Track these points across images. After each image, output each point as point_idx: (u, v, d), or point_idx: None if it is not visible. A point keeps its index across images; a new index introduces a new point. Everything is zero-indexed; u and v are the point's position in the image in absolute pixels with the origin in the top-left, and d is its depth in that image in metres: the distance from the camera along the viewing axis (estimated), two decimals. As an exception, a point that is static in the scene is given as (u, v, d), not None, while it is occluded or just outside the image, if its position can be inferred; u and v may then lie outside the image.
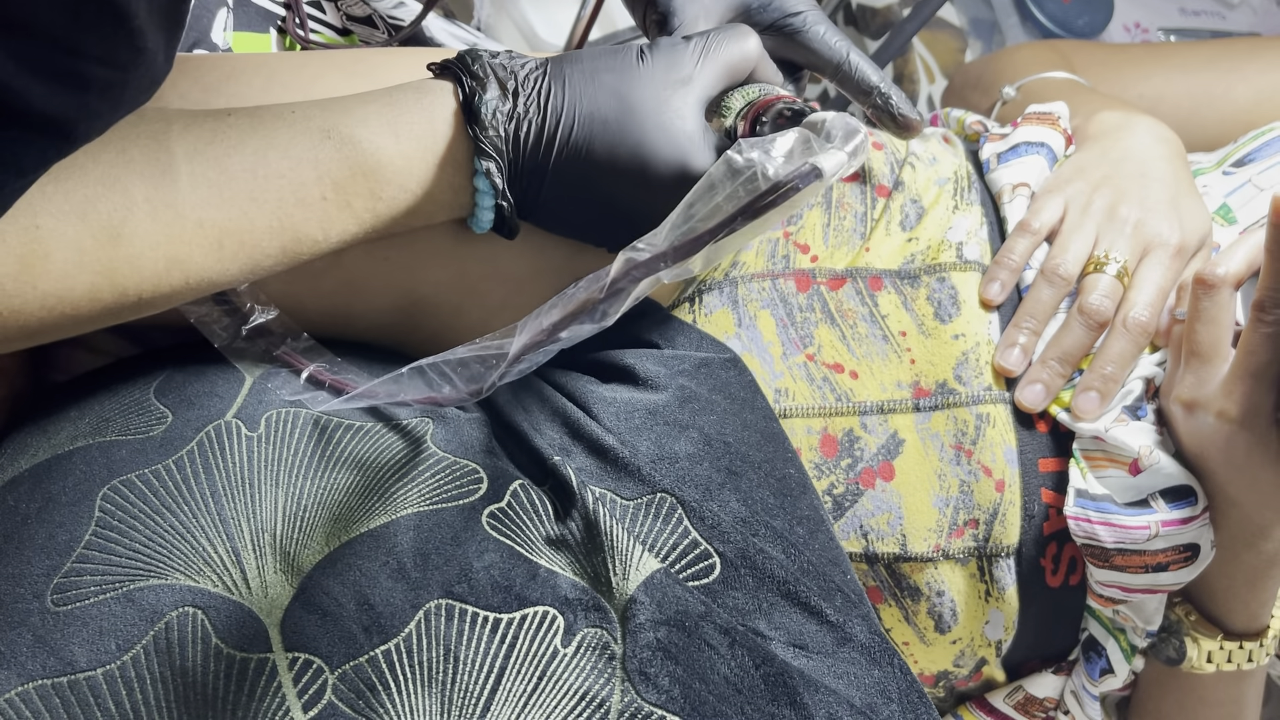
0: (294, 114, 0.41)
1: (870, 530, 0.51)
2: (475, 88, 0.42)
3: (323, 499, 0.41)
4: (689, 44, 0.45)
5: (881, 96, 0.52)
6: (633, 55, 0.44)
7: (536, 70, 0.43)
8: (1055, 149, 0.59)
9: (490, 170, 0.42)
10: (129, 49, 0.30)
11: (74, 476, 0.41)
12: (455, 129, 0.42)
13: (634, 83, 0.43)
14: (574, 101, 0.43)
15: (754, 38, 0.46)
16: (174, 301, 0.40)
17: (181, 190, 0.37)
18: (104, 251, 0.36)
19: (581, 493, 0.43)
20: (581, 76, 0.43)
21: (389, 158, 0.41)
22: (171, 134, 0.38)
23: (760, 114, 0.44)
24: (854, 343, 0.53)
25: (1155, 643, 0.53)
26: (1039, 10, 1.11)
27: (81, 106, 0.30)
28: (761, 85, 0.46)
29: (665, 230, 0.40)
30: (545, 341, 0.41)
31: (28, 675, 0.36)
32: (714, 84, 0.45)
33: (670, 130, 0.43)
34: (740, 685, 0.39)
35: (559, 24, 0.96)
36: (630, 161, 0.43)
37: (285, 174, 0.39)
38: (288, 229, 0.40)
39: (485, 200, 0.43)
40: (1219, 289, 0.48)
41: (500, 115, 0.42)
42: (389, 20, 0.77)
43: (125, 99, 0.32)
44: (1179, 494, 0.49)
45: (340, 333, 0.51)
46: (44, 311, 0.36)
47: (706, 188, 0.40)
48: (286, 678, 0.37)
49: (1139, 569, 0.49)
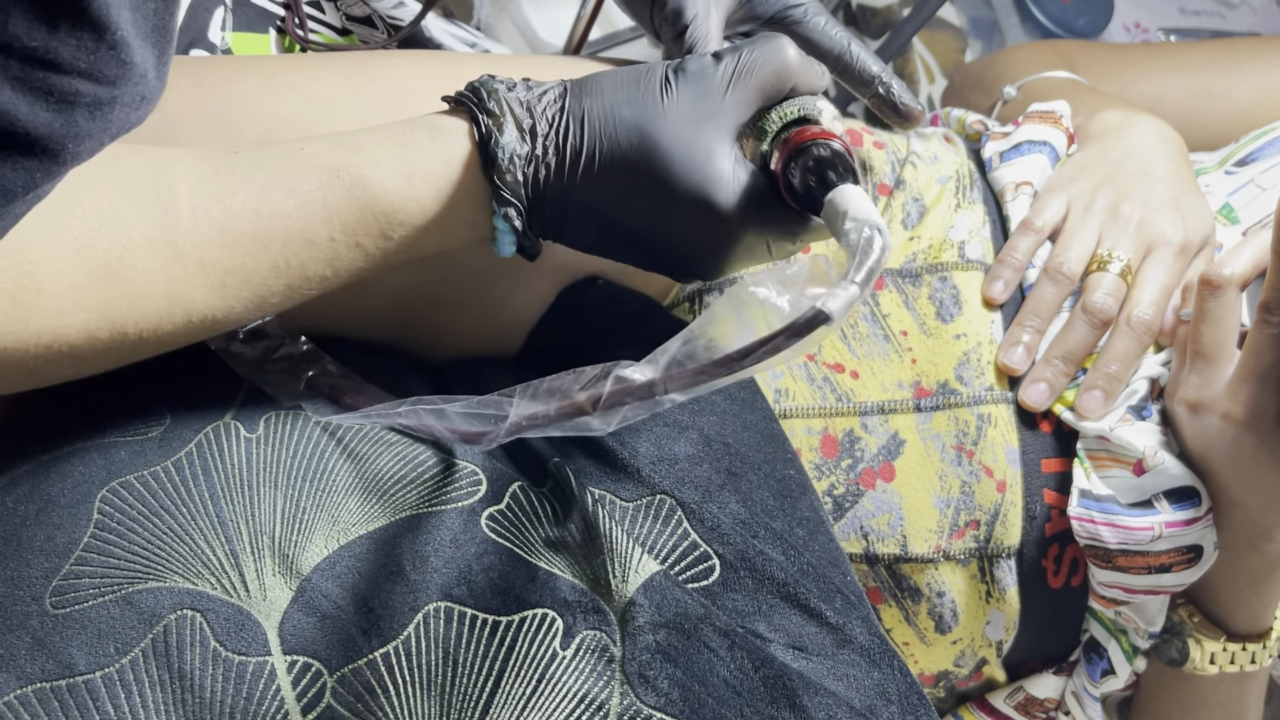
0: (302, 151, 0.39)
1: (871, 531, 0.51)
2: (491, 128, 0.40)
3: (321, 501, 0.41)
4: (719, 67, 0.41)
5: (882, 85, 0.52)
6: (656, 86, 0.41)
7: (555, 104, 0.41)
8: (1058, 147, 0.59)
9: (509, 214, 0.41)
10: (114, 63, 0.29)
11: (73, 478, 0.41)
12: (471, 171, 0.40)
13: (658, 120, 0.40)
14: (594, 140, 0.40)
15: (792, 49, 0.43)
16: (178, 341, 0.39)
17: (183, 228, 0.36)
18: (100, 289, 0.35)
19: (581, 494, 0.43)
20: (601, 112, 0.41)
21: (401, 201, 0.40)
22: (175, 171, 0.37)
23: (793, 157, 0.41)
24: (855, 342, 0.53)
25: (1158, 644, 0.53)
26: (1039, 10, 1.11)
27: (68, 124, 0.29)
28: (802, 103, 0.43)
29: (662, 358, 0.38)
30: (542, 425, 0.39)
31: (26, 678, 0.36)
32: (747, 111, 0.42)
33: (699, 173, 0.40)
34: (740, 687, 0.39)
35: (559, 24, 0.96)
36: (655, 204, 0.41)
37: (292, 214, 0.38)
38: (294, 268, 0.39)
39: (505, 237, 0.42)
40: (1224, 290, 0.48)
41: (518, 160, 0.40)
42: (388, 20, 0.77)
43: (115, 118, 0.31)
44: (1183, 495, 0.48)
45: (339, 329, 0.51)
46: (40, 349, 0.35)
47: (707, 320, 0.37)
48: (285, 681, 0.37)
49: (1142, 570, 0.49)
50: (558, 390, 0.39)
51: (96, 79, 0.29)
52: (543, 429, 0.39)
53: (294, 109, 0.48)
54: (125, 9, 0.28)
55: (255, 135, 0.47)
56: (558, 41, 0.95)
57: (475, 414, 0.40)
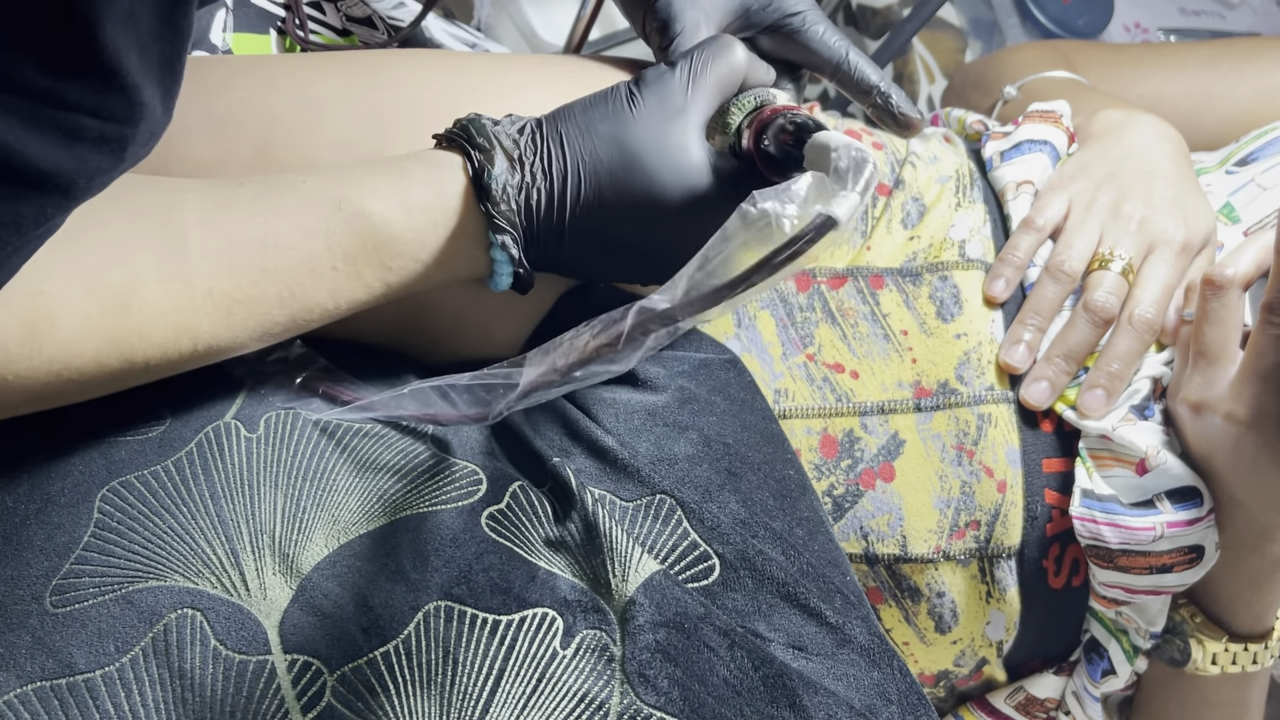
0: (305, 184, 0.41)
1: (870, 531, 0.51)
2: (483, 161, 0.42)
3: (321, 500, 0.41)
4: (675, 72, 0.45)
5: (881, 96, 0.52)
6: (622, 99, 0.44)
7: (534, 133, 0.44)
8: (1058, 147, 0.59)
9: (506, 243, 0.42)
10: (122, 103, 0.30)
11: (72, 478, 0.41)
12: (467, 204, 0.42)
13: (630, 126, 0.43)
14: (576, 159, 0.43)
15: (739, 47, 0.46)
16: (181, 367, 0.40)
17: (192, 260, 0.38)
18: (112, 320, 0.36)
19: (581, 494, 0.43)
20: (577, 132, 0.43)
21: (399, 231, 0.41)
22: (184, 204, 0.38)
23: (763, 129, 0.43)
24: (855, 342, 0.53)
25: (1159, 644, 0.53)
26: (1039, 10, 1.11)
27: (77, 160, 0.30)
28: (756, 92, 0.46)
29: (681, 282, 0.39)
30: (557, 381, 0.41)
31: (26, 677, 0.36)
32: (708, 105, 0.45)
33: (676, 164, 0.43)
34: (739, 687, 0.39)
35: (559, 24, 0.96)
36: (643, 204, 0.43)
37: (296, 245, 0.39)
38: (298, 298, 0.40)
39: (503, 268, 0.44)
40: (1227, 290, 0.48)
41: (510, 188, 0.42)
42: (388, 21, 0.77)
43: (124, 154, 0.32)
44: (1185, 495, 0.48)
45: (340, 335, 0.51)
46: (50, 377, 0.36)
47: (721, 239, 0.39)
48: (285, 679, 0.37)
49: (1143, 570, 0.49)
50: (567, 341, 0.40)
51: (105, 117, 0.30)
52: (559, 384, 0.40)
53: (293, 108, 0.48)
54: (133, 52, 0.29)
55: (255, 135, 0.47)
56: (558, 41, 0.95)
57: (483, 385, 0.41)
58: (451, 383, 0.42)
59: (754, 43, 0.53)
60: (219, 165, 0.46)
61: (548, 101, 0.46)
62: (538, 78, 0.53)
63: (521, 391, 0.41)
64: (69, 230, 0.34)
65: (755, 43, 0.53)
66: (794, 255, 0.38)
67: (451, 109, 0.46)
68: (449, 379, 0.43)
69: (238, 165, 0.47)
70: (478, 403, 0.43)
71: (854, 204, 0.38)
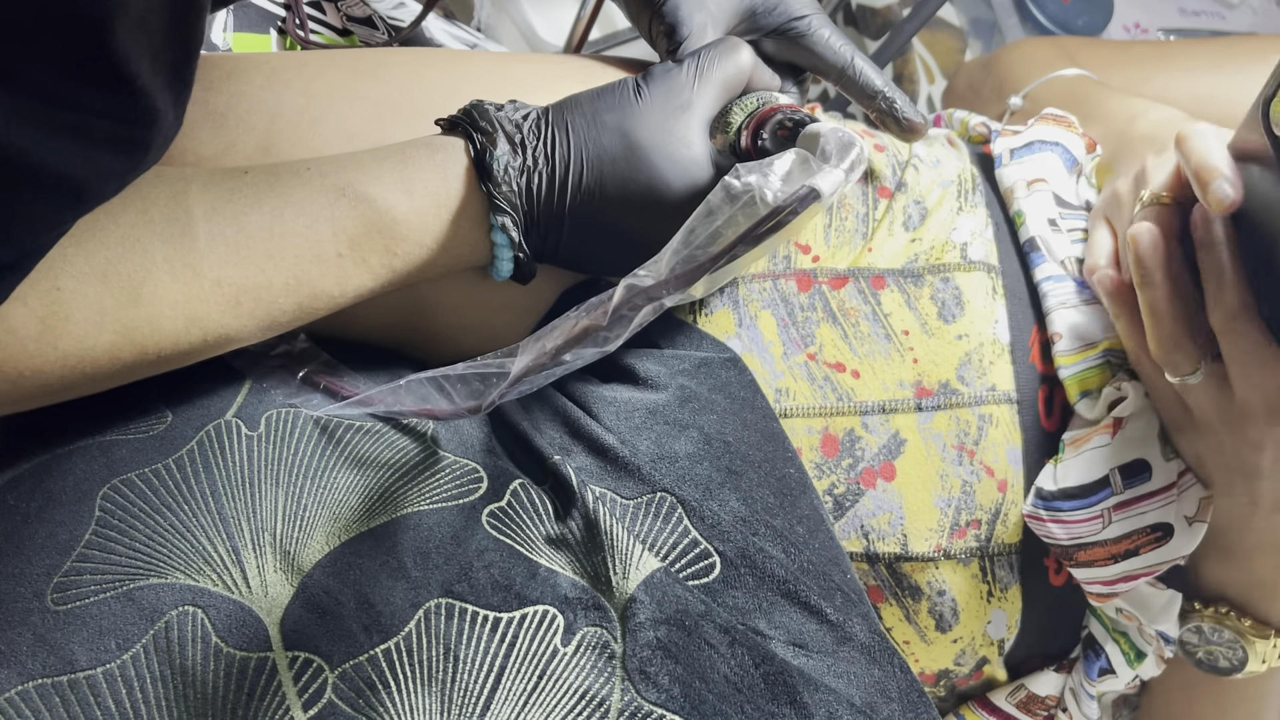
0: (309, 171, 0.41)
1: (871, 530, 0.51)
2: (485, 143, 0.42)
3: (323, 498, 0.41)
4: (683, 68, 0.45)
5: (885, 100, 0.52)
6: (629, 91, 0.45)
7: (539, 120, 0.44)
8: (1073, 150, 0.59)
9: (506, 225, 0.43)
10: (135, 109, 0.30)
11: (74, 475, 0.41)
12: (469, 185, 0.43)
13: (635, 118, 0.44)
14: (580, 146, 0.43)
15: (746, 49, 0.46)
16: (191, 358, 0.40)
17: (200, 249, 0.38)
18: (124, 312, 0.37)
19: (581, 492, 0.43)
20: (584, 120, 0.44)
21: (403, 215, 0.42)
22: (190, 193, 0.38)
23: (760, 126, 0.44)
24: (856, 341, 0.53)
25: (1203, 658, 0.52)
26: (1039, 10, 1.11)
27: (91, 163, 0.30)
28: (759, 95, 0.46)
29: (666, 257, 0.40)
30: (547, 365, 0.41)
31: (28, 674, 0.36)
32: (713, 103, 0.45)
33: (678, 158, 0.43)
34: (740, 684, 0.39)
35: (559, 24, 0.96)
36: (644, 195, 0.43)
37: (302, 232, 0.40)
38: (304, 285, 0.41)
39: (504, 253, 0.44)
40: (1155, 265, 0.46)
41: (512, 170, 0.43)
42: (389, 21, 0.77)
43: (137, 158, 0.32)
44: (1134, 470, 0.48)
45: (340, 333, 0.51)
46: (64, 370, 0.37)
47: (705, 213, 0.40)
48: (286, 676, 0.37)
49: (1106, 560, 0.49)
50: (560, 325, 0.41)
51: (119, 120, 0.30)
52: (549, 368, 0.41)
53: (296, 104, 0.48)
54: (145, 60, 0.29)
55: (258, 131, 0.47)
56: (558, 41, 0.95)
57: (477, 375, 0.42)
58: (446, 373, 0.43)
59: (759, 46, 0.53)
60: (220, 159, 0.47)
61: (550, 99, 0.46)
62: (540, 76, 0.53)
63: (514, 378, 0.41)
64: (81, 224, 0.35)
65: (760, 46, 0.53)
66: (776, 226, 0.38)
67: (454, 105, 0.46)
68: (444, 370, 0.43)
69: (239, 160, 0.47)
70: (473, 394, 0.43)
71: (838, 179, 0.39)
